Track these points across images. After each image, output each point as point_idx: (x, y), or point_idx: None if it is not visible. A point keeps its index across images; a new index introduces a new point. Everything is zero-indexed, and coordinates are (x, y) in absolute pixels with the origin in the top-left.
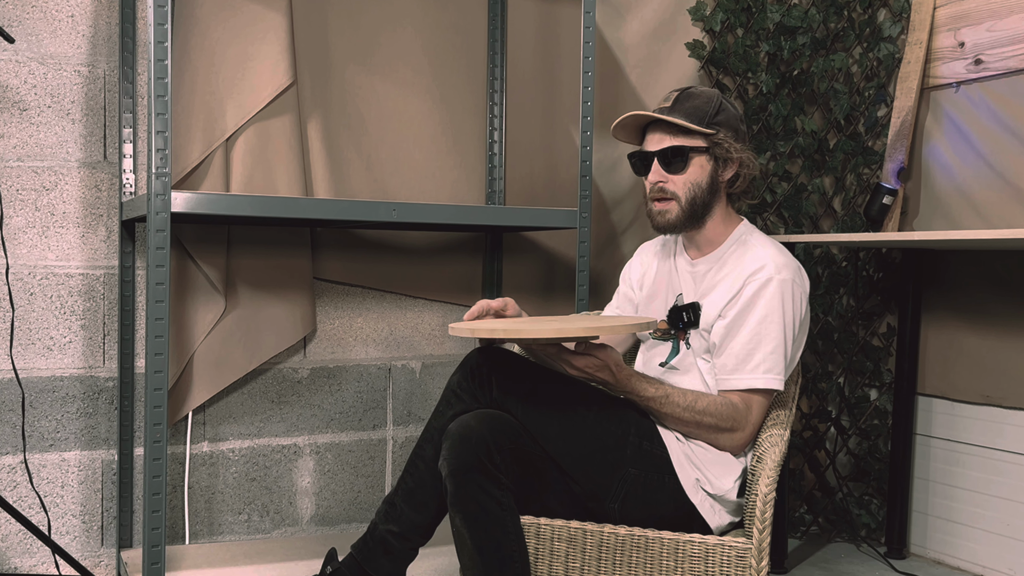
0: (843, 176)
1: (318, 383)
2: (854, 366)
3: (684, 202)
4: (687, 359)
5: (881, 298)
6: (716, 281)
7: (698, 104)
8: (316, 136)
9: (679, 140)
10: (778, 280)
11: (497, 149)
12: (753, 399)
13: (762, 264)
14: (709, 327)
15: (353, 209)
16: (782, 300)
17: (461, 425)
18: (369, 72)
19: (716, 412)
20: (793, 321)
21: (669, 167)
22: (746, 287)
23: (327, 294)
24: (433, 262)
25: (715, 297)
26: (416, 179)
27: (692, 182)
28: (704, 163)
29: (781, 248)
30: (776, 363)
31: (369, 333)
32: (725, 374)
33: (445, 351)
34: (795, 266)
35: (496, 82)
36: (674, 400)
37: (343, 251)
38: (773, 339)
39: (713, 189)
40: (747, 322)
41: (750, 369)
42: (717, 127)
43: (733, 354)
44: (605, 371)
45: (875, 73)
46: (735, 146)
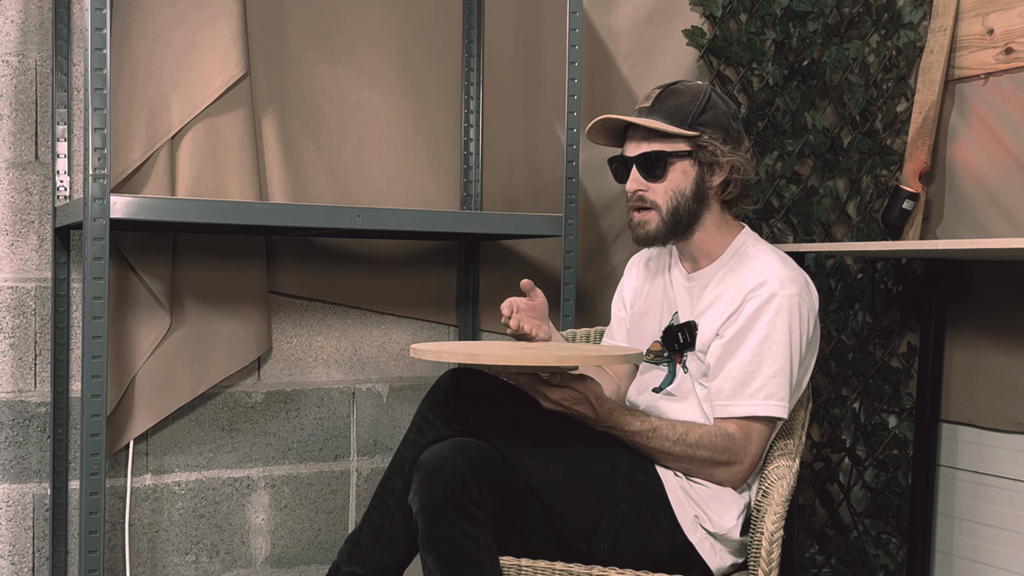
0: (858, 178)
1: (274, 409)
2: (871, 390)
3: (665, 212)
4: (684, 384)
5: (901, 314)
6: (714, 297)
7: (681, 103)
8: (272, 133)
9: (657, 144)
10: (783, 296)
11: (473, 148)
12: (753, 428)
13: (764, 278)
14: (706, 348)
15: (313, 215)
16: (788, 318)
17: (434, 455)
18: (331, 61)
19: (710, 444)
20: (800, 341)
21: (648, 174)
22: (746, 304)
23: (284, 310)
24: (402, 274)
25: (712, 315)
26: (383, 181)
27: (674, 190)
28: (687, 169)
29: (786, 259)
30: (779, 388)
31: (331, 353)
32: (721, 400)
33: (415, 373)
34: (802, 280)
35: (472, 73)
36: (663, 433)
37: (302, 262)
38: (776, 361)
39: (699, 197)
40: (747, 342)
41: (749, 395)
42: (701, 128)
43: (730, 378)
44: (584, 404)
45: (894, 64)
46: (722, 148)
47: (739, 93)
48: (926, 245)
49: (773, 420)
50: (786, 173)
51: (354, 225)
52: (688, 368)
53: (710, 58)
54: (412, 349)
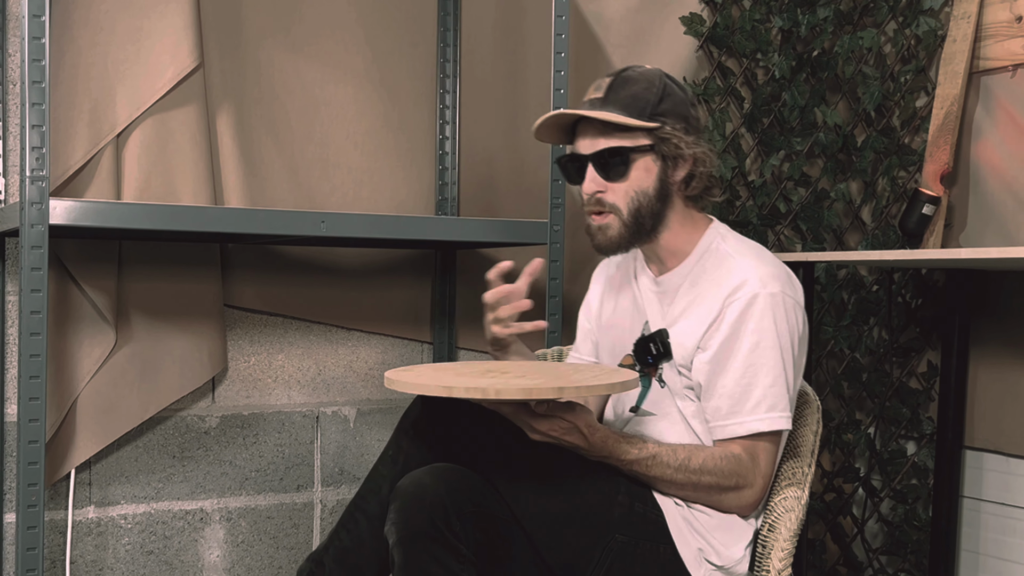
0: (874, 180)
1: (230, 434)
2: (887, 414)
3: (626, 215)
4: (663, 401)
5: (920, 330)
6: (688, 303)
7: (636, 91)
8: (227, 131)
9: (615, 140)
10: (765, 295)
11: (450, 147)
12: (759, 447)
13: (742, 278)
14: (688, 362)
15: (273, 221)
16: (774, 319)
17: (413, 483)
18: (292, 51)
19: (716, 469)
20: (791, 343)
21: (607, 173)
22: (727, 310)
23: (241, 325)
24: (371, 286)
25: (689, 325)
26: (350, 184)
27: (636, 190)
28: (650, 165)
29: (762, 253)
30: (779, 398)
31: (292, 373)
32: (720, 420)
33: (385, 395)
34: (783, 274)
35: (449, 65)
36: (663, 460)
37: (261, 272)
38: (771, 369)
39: (663, 195)
40: (736, 353)
41: (749, 410)
42: (662, 119)
43: (726, 395)
44: (575, 434)
45: (913, 54)
46: (686, 140)
47: (742, 87)
48: (948, 254)
49: (778, 434)
50: (794, 175)
51: (318, 232)
52: (666, 382)
53: (710, 48)
54: (387, 379)
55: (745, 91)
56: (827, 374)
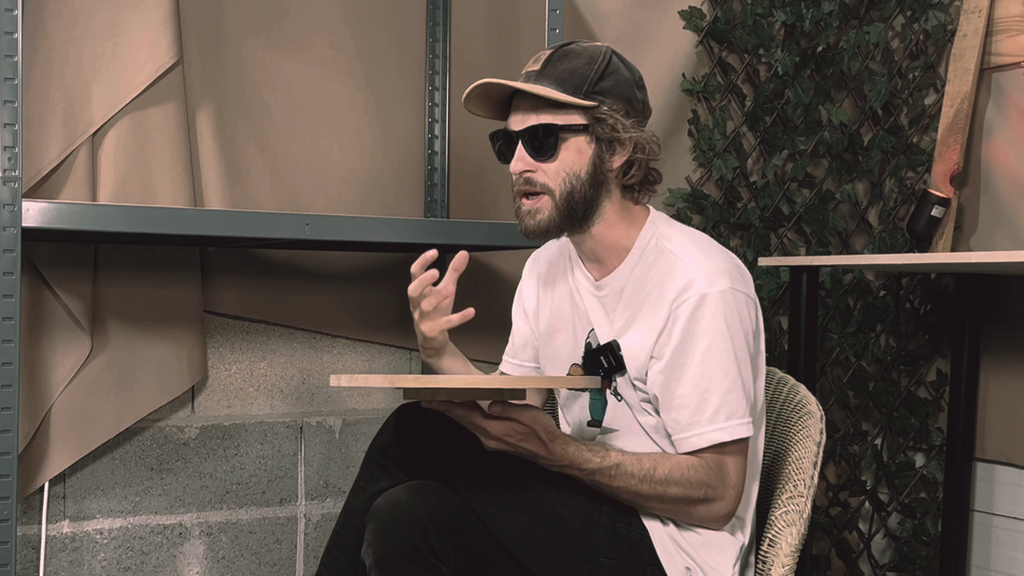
0: (881, 181)
1: (210, 446)
2: (895, 424)
3: (558, 198)
4: (622, 416)
5: (929, 337)
6: (635, 310)
7: (575, 66)
8: (208, 130)
9: (547, 116)
10: (714, 295)
11: (439, 146)
12: (724, 457)
13: (688, 278)
14: (642, 375)
15: (254, 223)
16: (725, 319)
17: (390, 502)
18: (275, 47)
19: (683, 479)
20: (744, 341)
21: (536, 152)
22: (676, 313)
23: (221, 332)
24: (357, 291)
25: (639, 334)
26: (335, 185)
27: (567, 171)
28: (583, 146)
29: (707, 246)
30: (737, 403)
31: (275, 382)
32: (680, 432)
33: (371, 405)
34: (731, 266)
35: (438, 60)
36: (627, 470)
37: (242, 277)
38: (726, 373)
39: (597, 181)
40: (689, 360)
41: (708, 419)
42: (600, 97)
43: (683, 404)
44: (532, 440)
45: (921, 50)
46: (624, 123)
47: (744, 83)
48: (958, 258)
49: (742, 442)
50: (797, 175)
51: (302, 235)
52: (622, 395)
53: (710, 43)
54: (332, 377)
55: (747, 88)
56: (832, 383)
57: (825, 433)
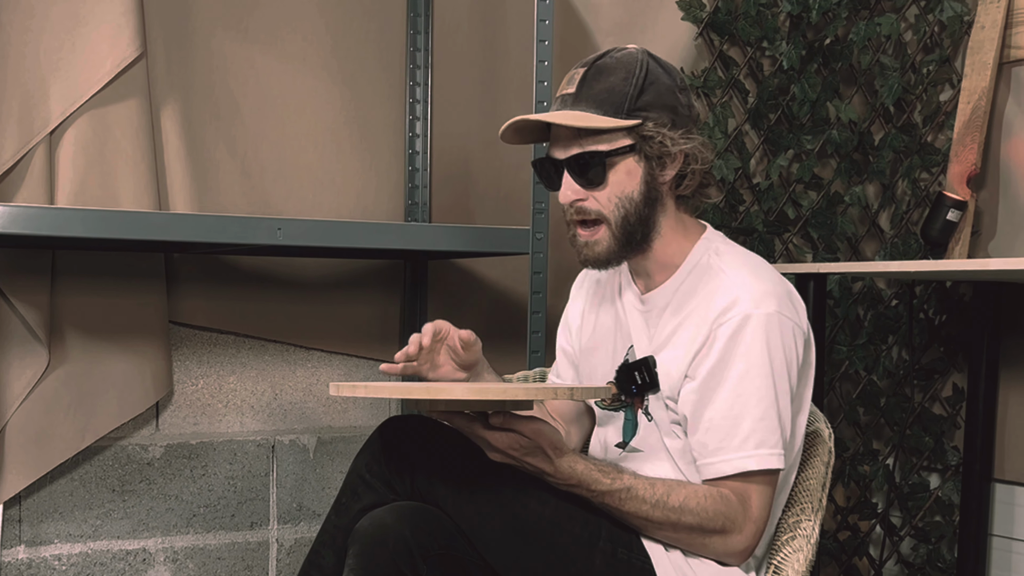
0: (893, 183)
1: (176, 466)
2: (908, 443)
3: (615, 225)
4: (650, 437)
5: (944, 350)
6: (675, 326)
7: (612, 83)
8: (173, 128)
9: (590, 143)
10: (758, 316)
11: (420, 146)
12: (749, 488)
13: (733, 297)
14: (675, 394)
15: (223, 228)
16: (766, 343)
17: (374, 523)
18: (245, 40)
19: (699, 508)
20: (786, 370)
21: (584, 180)
22: (717, 333)
23: (188, 344)
24: (333, 301)
25: (676, 351)
26: (310, 187)
27: (619, 196)
28: (632, 167)
29: (759, 267)
30: (769, 433)
31: (245, 397)
32: (706, 456)
33: (349, 422)
34: (781, 292)
35: (419, 55)
36: (639, 494)
37: (210, 286)
38: (760, 399)
39: (651, 198)
40: (724, 382)
41: (737, 445)
42: (643, 113)
43: (713, 428)
44: (537, 455)
45: (937, 42)
46: (672, 136)
47: (746, 78)
48: (976, 265)
49: (770, 473)
50: (804, 177)
51: (274, 240)
52: (652, 415)
53: (710, 35)
54: (332, 386)
55: (749, 83)
56: (841, 399)
57: (833, 453)
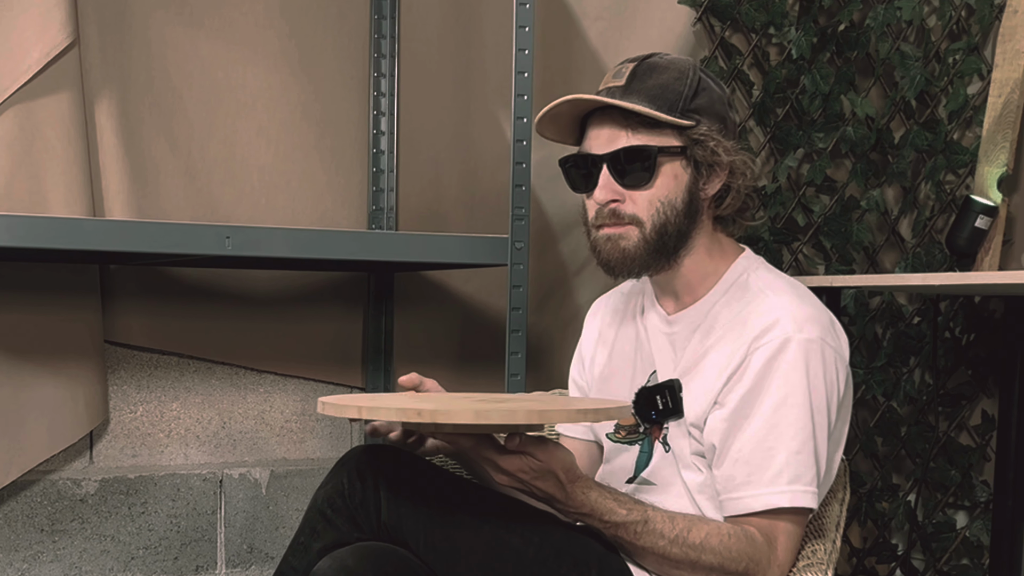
0: (915, 186)
1: (112, 503)
2: (931, 477)
3: (649, 230)
4: (665, 469)
5: (973, 373)
6: (706, 348)
7: (666, 81)
8: (109, 124)
9: (641, 137)
10: (799, 341)
11: (386, 145)
12: (777, 526)
13: (774, 318)
14: (700, 422)
15: (166, 236)
16: (806, 371)
17: (335, 565)
18: (190, 25)
19: (721, 547)
20: (827, 403)
21: (627, 178)
22: (753, 356)
23: (126, 366)
24: (288, 318)
25: (706, 375)
26: (262, 191)
27: (662, 200)
28: (679, 171)
29: (802, 292)
30: (805, 468)
31: (190, 426)
32: (732, 491)
33: (306, 453)
34: (825, 319)
35: (385, 42)
36: (656, 528)
37: (151, 301)
38: (798, 432)
39: (692, 211)
40: (758, 410)
41: (768, 480)
42: (696, 116)
43: (742, 459)
44: (549, 480)
45: (964, 28)
46: (725, 145)
47: (750, 69)
48: (1008, 277)
49: (802, 512)
50: (815, 179)
51: (222, 251)
52: (671, 446)
53: (710, 20)
54: (320, 403)
55: (754, 74)
56: (857, 428)
57: (848, 488)
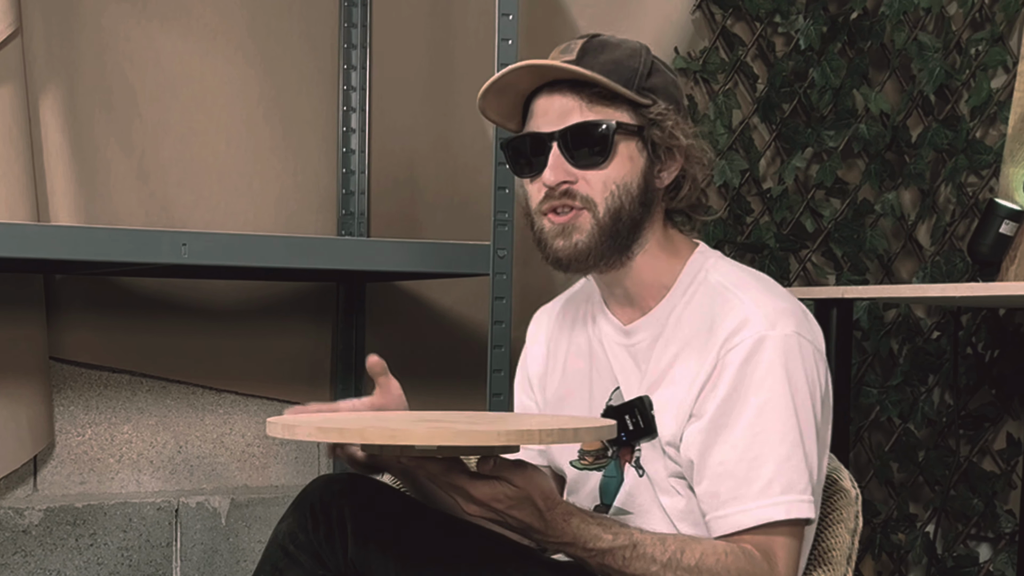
0: (934, 189)
1: (57, 534)
2: (952, 506)
3: (602, 214)
4: (641, 495)
5: (997, 392)
6: (672, 357)
7: (619, 57)
8: (55, 121)
9: (596, 112)
10: (775, 338)
11: (356, 144)
12: (775, 541)
13: (743, 317)
14: (676, 439)
15: (116, 243)
16: (786, 371)
17: None
18: (143, 15)
19: (719, 568)
20: (810, 401)
21: (581, 157)
22: (726, 360)
23: (73, 385)
24: (251, 332)
25: (676, 387)
26: (222, 194)
27: (618, 183)
28: (635, 153)
29: (769, 284)
30: (797, 475)
31: (143, 450)
32: (718, 508)
33: (269, 480)
34: (798, 312)
35: (355, 31)
36: (646, 552)
37: (100, 314)
38: (784, 436)
39: (647, 200)
40: (738, 417)
41: (758, 492)
42: (653, 96)
43: (726, 472)
44: (526, 508)
45: (987, 17)
46: (683, 127)
47: (754, 60)
48: None
49: (798, 523)
50: (825, 181)
51: (178, 259)
52: (645, 469)
53: (710, 8)
54: (269, 424)
55: (759, 66)
56: (870, 452)
57: (862, 517)
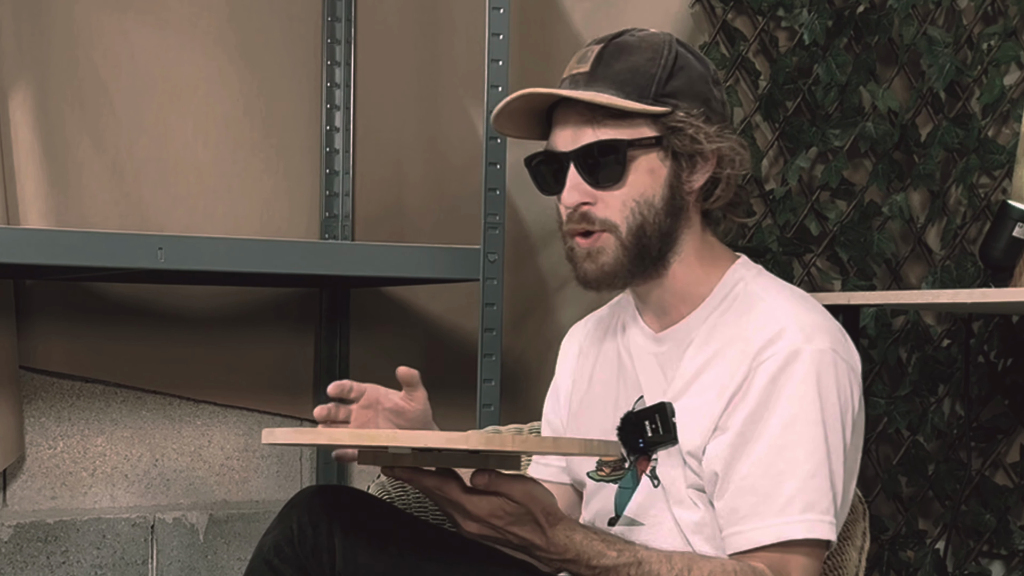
0: (944, 190)
1: (27, 551)
2: (963, 522)
3: (625, 234)
4: (654, 506)
5: (1010, 402)
6: (701, 364)
7: (636, 63)
8: (24, 119)
9: (608, 130)
10: (810, 353)
11: (341, 143)
12: (790, 561)
13: (779, 328)
14: (699, 451)
15: (90, 247)
16: (818, 386)
17: None
18: (117, 7)
19: None
20: (840, 422)
21: (596, 177)
22: (757, 371)
23: (44, 395)
24: (230, 340)
25: (703, 396)
26: (200, 195)
27: (637, 200)
28: (656, 165)
29: (807, 301)
30: (820, 494)
31: (117, 463)
32: (736, 523)
33: (249, 495)
34: (835, 329)
35: (339, 26)
36: (652, 569)
37: (72, 321)
38: (811, 454)
39: (676, 208)
40: (764, 430)
41: (778, 509)
42: (672, 101)
43: (747, 488)
44: (526, 524)
45: (1000, 10)
46: (707, 130)
47: (756, 56)
48: None
49: (820, 544)
50: (831, 182)
51: (155, 264)
52: (660, 479)
53: (710, 1)
54: (266, 433)
55: (761, 62)
56: (878, 466)
57: (869, 534)
